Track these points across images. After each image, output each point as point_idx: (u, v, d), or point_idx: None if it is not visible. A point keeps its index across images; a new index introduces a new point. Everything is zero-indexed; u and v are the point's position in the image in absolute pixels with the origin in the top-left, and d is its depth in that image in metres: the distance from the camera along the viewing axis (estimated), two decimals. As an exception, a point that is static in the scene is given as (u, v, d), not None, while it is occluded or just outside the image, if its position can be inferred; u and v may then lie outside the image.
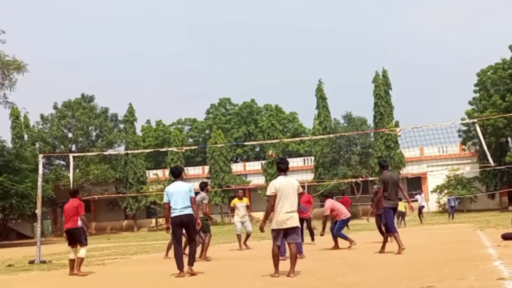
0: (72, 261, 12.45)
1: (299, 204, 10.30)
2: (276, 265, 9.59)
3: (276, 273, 9.52)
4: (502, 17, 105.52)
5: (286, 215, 9.44)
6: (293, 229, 9.51)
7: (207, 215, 14.86)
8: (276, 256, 9.58)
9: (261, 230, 10.37)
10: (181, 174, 11.24)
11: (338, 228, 15.74)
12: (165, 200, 10.79)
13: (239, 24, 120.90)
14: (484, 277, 8.23)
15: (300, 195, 18.54)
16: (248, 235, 18.35)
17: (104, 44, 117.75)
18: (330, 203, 16.27)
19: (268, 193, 9.59)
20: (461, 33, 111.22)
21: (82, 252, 12.32)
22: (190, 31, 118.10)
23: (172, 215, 10.63)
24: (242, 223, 17.98)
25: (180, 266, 10.54)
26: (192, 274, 10.49)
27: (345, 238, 15.52)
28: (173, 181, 11.28)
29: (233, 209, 18.71)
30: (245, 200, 18.45)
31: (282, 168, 9.87)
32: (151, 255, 18.24)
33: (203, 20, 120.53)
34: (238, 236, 18.11)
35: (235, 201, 18.42)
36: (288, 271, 9.49)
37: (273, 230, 9.60)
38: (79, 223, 12.32)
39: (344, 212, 15.99)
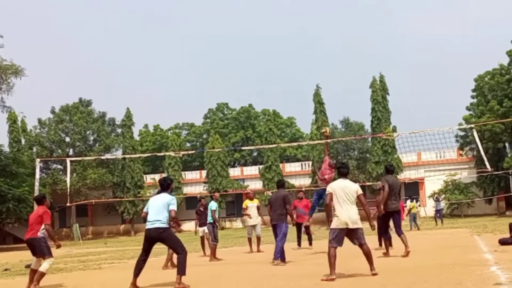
0: (33, 272, 11.00)
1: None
2: (332, 265, 9.57)
3: (332, 275, 9.48)
4: (500, 22, 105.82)
5: (345, 215, 9.66)
6: (354, 230, 9.74)
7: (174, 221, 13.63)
8: (333, 257, 9.61)
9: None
10: (170, 187, 10.22)
11: None
12: (144, 209, 10.26)
13: (236, 30, 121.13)
14: (481, 282, 8.22)
15: (299, 200, 18.71)
16: (258, 239, 18.17)
17: (102, 48, 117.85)
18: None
19: (326, 192, 10.09)
20: (459, 38, 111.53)
21: (44, 265, 10.73)
22: (188, 37, 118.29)
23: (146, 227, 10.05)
24: (253, 226, 17.89)
25: (135, 274, 9.99)
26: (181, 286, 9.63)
27: None
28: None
29: (245, 210, 18.35)
30: (256, 201, 18.27)
31: (343, 172, 10.20)
32: (148, 260, 18.18)
33: (201, 27, 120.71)
34: (249, 240, 18.24)
35: (247, 202, 18.31)
36: (369, 268, 9.75)
37: (331, 230, 9.83)
38: (40, 233, 10.83)
39: None
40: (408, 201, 33.81)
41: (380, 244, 16.57)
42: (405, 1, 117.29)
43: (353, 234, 9.77)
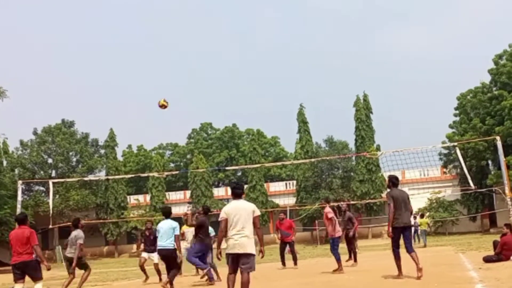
0: None
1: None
2: None
3: None
4: (481, 41, 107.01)
5: (237, 239, 8.89)
6: (245, 256, 8.90)
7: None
8: (232, 282, 8.93)
9: (217, 258, 9.17)
10: (170, 214, 13.54)
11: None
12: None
13: (220, 49, 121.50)
14: (467, 300, 8.19)
15: (281, 220, 18.59)
16: None
17: (84, 69, 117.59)
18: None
19: (220, 219, 9.17)
20: (442, 56, 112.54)
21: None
22: (172, 56, 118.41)
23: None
24: None
25: None
26: None
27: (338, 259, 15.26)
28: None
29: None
30: None
31: (237, 193, 9.35)
32: (132, 281, 18.02)
33: (184, 46, 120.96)
34: None
35: None
36: None
37: (227, 255, 9.02)
38: (34, 254, 10.73)
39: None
40: (418, 217, 33.39)
41: (350, 257, 16.87)
42: (389, 20, 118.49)
43: (240, 259, 8.90)
